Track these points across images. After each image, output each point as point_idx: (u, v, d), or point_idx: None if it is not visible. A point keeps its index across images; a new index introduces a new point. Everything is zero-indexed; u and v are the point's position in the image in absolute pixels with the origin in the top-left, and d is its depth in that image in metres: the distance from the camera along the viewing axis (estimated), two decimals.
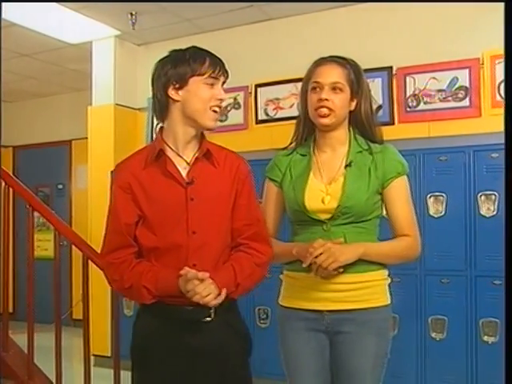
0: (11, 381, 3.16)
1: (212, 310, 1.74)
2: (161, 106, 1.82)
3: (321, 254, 1.76)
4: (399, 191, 1.94)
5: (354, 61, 1.98)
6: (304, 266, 1.79)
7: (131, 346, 1.87)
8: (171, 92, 1.77)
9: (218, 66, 1.77)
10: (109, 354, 3.95)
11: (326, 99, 1.90)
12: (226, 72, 1.81)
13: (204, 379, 1.77)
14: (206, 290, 1.64)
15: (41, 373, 3.27)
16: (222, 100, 1.79)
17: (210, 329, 1.76)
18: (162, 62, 1.81)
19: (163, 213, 1.76)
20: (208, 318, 1.75)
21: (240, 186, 1.84)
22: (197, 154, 1.81)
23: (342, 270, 1.81)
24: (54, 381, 3.19)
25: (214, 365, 1.77)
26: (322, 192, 1.92)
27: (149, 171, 1.79)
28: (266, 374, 3.86)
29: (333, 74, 1.92)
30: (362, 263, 1.86)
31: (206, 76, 1.75)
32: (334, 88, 1.90)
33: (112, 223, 1.82)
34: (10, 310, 5.07)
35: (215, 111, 1.78)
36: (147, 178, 1.78)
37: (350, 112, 1.97)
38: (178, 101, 1.78)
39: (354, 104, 1.96)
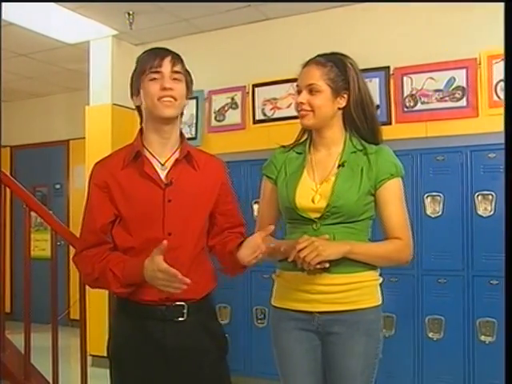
0: (7, 381, 3.16)
1: (185, 310, 1.77)
2: (139, 113, 1.90)
3: (305, 248, 1.75)
4: (392, 193, 1.92)
5: (342, 55, 1.98)
6: (289, 260, 1.79)
7: (107, 344, 1.90)
8: (134, 100, 1.87)
9: (156, 59, 1.78)
10: (106, 354, 3.95)
11: (302, 102, 1.93)
12: (174, 59, 1.79)
13: (179, 378, 1.79)
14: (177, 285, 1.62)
15: (37, 373, 3.26)
16: (167, 88, 1.76)
17: (183, 328, 1.78)
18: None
19: (140, 213, 1.78)
20: (181, 318, 1.77)
21: (224, 191, 1.90)
22: (177, 156, 1.83)
23: (327, 265, 1.79)
24: (50, 381, 3.19)
25: (188, 364, 1.78)
26: (312, 191, 1.92)
27: (127, 172, 1.81)
28: (263, 374, 3.87)
29: (308, 77, 1.93)
30: (351, 264, 1.86)
31: (147, 72, 1.78)
32: (311, 90, 1.92)
33: (87, 223, 1.83)
34: (8, 310, 5.06)
35: (167, 101, 1.77)
36: (125, 179, 1.80)
37: (343, 110, 1.96)
38: (140, 104, 1.85)
39: (342, 101, 1.95)
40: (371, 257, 1.90)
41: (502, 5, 1.64)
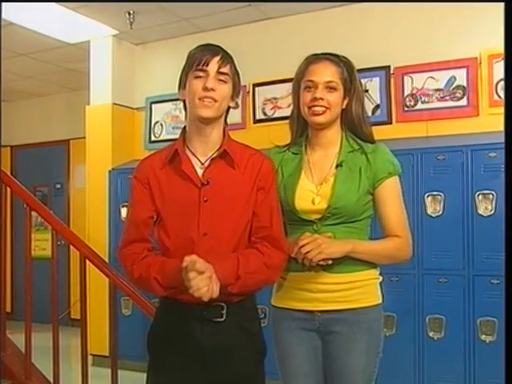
0: (8, 381, 3.16)
1: (224, 311, 1.74)
2: (184, 108, 1.85)
3: (307, 244, 1.75)
4: (390, 191, 1.92)
5: (346, 58, 1.97)
6: (292, 255, 1.78)
7: (147, 338, 1.87)
8: (180, 93, 1.82)
9: (204, 57, 1.75)
10: (107, 354, 3.95)
11: (321, 98, 1.88)
12: (222, 59, 1.77)
13: (215, 378, 1.77)
14: (203, 283, 1.58)
15: (38, 372, 3.26)
16: (208, 89, 1.73)
17: (221, 329, 1.75)
18: None
19: (176, 213, 1.76)
20: (219, 319, 1.74)
21: (261, 186, 1.80)
22: (214, 155, 1.79)
23: (330, 262, 1.79)
24: (51, 380, 3.19)
25: (225, 364, 1.76)
26: (312, 193, 1.90)
27: (166, 170, 1.80)
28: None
29: (327, 73, 1.90)
30: (351, 263, 1.86)
31: (193, 69, 1.75)
32: (328, 87, 1.89)
33: (130, 217, 1.84)
34: (8, 309, 5.07)
35: (207, 102, 1.74)
36: (164, 177, 1.79)
37: (342, 110, 1.96)
38: (185, 99, 1.81)
39: (345, 102, 1.94)
40: (372, 255, 1.90)
41: (501, 5, 1.64)
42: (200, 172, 1.77)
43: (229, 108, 1.85)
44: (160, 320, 1.87)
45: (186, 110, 1.84)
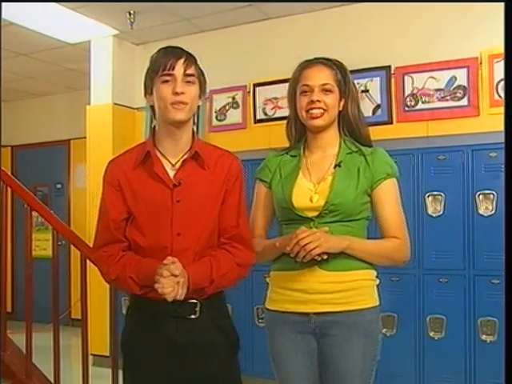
0: (9, 380, 3.16)
1: (197, 308, 1.77)
2: (152, 112, 1.88)
3: (306, 237, 1.75)
4: (388, 193, 1.93)
5: (338, 61, 2.00)
6: (288, 249, 1.78)
7: (120, 340, 1.89)
8: (148, 99, 1.84)
9: (169, 61, 1.75)
10: (107, 354, 3.96)
11: (318, 100, 1.91)
12: (187, 61, 1.77)
13: (191, 376, 1.79)
14: (169, 284, 1.63)
15: (39, 372, 3.26)
16: (178, 93, 1.75)
17: (195, 326, 1.78)
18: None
19: (149, 214, 1.79)
20: (193, 315, 1.77)
21: (230, 187, 1.85)
22: (185, 156, 1.82)
23: (326, 256, 1.79)
24: (52, 380, 3.19)
25: (200, 361, 1.78)
26: (310, 190, 1.92)
27: (138, 171, 1.83)
28: (264, 374, 3.86)
29: (321, 76, 1.93)
30: (348, 261, 1.86)
31: (160, 74, 1.76)
32: (324, 89, 1.92)
33: (102, 219, 1.86)
34: (9, 309, 5.08)
35: (178, 106, 1.76)
36: (136, 178, 1.82)
37: (339, 113, 1.98)
38: (153, 104, 1.83)
39: (341, 104, 1.97)
40: (369, 254, 1.90)
41: (502, 5, 1.64)
42: (171, 173, 1.81)
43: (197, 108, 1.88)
44: (133, 319, 1.88)
45: (154, 114, 1.86)
